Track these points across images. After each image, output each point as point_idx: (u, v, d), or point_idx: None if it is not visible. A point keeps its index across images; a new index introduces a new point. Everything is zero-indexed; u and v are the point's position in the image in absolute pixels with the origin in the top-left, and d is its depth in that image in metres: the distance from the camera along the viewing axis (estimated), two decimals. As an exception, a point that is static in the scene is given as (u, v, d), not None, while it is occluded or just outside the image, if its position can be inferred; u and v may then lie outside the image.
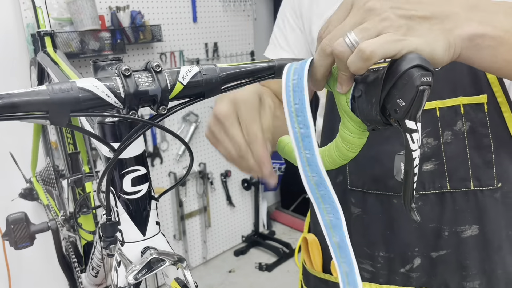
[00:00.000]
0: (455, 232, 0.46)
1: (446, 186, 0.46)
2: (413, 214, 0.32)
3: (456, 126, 0.45)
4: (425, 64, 0.28)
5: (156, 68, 0.29)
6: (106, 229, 0.38)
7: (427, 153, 0.46)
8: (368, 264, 0.51)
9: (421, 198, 0.47)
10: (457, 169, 0.45)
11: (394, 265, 0.49)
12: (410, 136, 0.29)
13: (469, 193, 0.45)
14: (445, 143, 0.45)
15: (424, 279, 0.48)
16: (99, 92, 0.26)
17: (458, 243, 0.46)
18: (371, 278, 0.51)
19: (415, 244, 0.48)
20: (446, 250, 0.47)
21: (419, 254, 0.48)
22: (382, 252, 0.50)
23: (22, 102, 0.24)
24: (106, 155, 0.38)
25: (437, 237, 0.47)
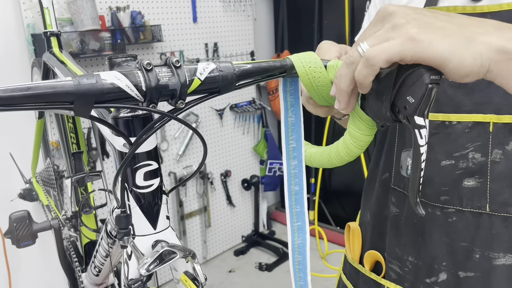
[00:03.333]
0: (487, 257, 0.44)
1: (485, 207, 0.43)
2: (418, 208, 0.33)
3: (509, 146, 0.42)
4: None
5: (176, 63, 0.30)
6: (120, 221, 0.39)
7: (471, 168, 0.43)
8: (397, 265, 0.51)
9: (456, 214, 0.45)
10: (500, 192, 0.43)
11: (420, 273, 0.48)
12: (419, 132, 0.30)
13: (509, 220, 0.43)
14: (492, 161, 0.42)
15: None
16: (122, 85, 0.27)
17: (488, 269, 0.44)
18: (397, 280, 0.51)
19: (443, 258, 0.46)
20: (475, 273, 0.45)
21: (446, 269, 0.46)
22: (411, 257, 0.49)
23: (49, 92, 0.25)
24: (120, 149, 0.39)
25: (467, 258, 0.45)
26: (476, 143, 0.43)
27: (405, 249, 0.49)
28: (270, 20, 2.32)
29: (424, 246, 0.48)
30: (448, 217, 0.45)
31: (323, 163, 0.40)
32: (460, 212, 0.44)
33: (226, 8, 1.95)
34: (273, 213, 2.48)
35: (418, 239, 0.48)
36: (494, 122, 0.42)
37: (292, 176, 0.40)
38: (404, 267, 0.50)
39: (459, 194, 0.44)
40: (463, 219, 0.45)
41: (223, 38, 1.96)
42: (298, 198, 0.40)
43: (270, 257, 2.08)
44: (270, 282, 1.89)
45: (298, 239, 0.40)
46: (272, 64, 0.35)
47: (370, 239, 0.56)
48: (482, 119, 0.42)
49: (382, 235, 0.53)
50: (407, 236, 0.49)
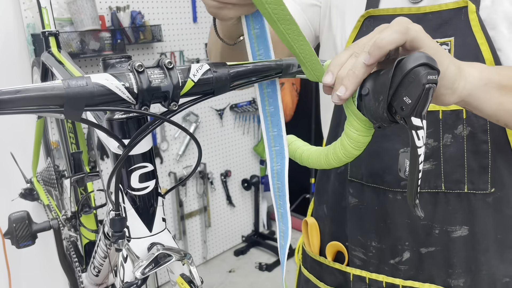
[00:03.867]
0: (446, 231, 0.48)
1: (441, 186, 0.47)
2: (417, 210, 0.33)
3: (457, 130, 0.46)
4: (431, 63, 0.29)
5: (168, 65, 0.29)
6: (115, 224, 0.38)
7: (426, 153, 0.47)
8: (361, 252, 0.54)
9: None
10: (453, 171, 0.47)
11: (385, 256, 0.52)
12: (416, 133, 0.30)
13: (462, 195, 0.47)
14: (444, 145, 0.47)
15: (412, 272, 0.50)
16: (113, 87, 0.27)
17: (447, 241, 0.48)
18: (362, 266, 0.54)
19: (406, 238, 0.50)
20: (435, 247, 0.49)
21: (409, 248, 0.50)
22: (375, 242, 0.52)
23: (39, 96, 0.24)
24: (115, 151, 0.38)
25: (428, 234, 0.49)
26: (429, 130, 0.47)
27: (368, 236, 0.53)
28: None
29: (387, 230, 0.51)
30: None
31: (321, 164, 0.39)
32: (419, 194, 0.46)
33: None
34: (273, 213, 2.47)
35: (380, 224, 0.52)
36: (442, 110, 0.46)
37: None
38: (368, 252, 0.53)
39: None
40: (422, 200, 0.48)
41: (223, 38, 1.96)
42: (274, 120, 0.38)
43: (270, 257, 2.08)
44: (270, 282, 1.89)
45: (277, 164, 0.39)
46: (268, 64, 0.35)
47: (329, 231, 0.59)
48: (432, 108, 0.46)
49: (341, 225, 0.56)
50: (370, 223, 0.52)
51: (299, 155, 0.41)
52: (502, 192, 0.47)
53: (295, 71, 0.36)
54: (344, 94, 0.32)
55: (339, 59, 0.33)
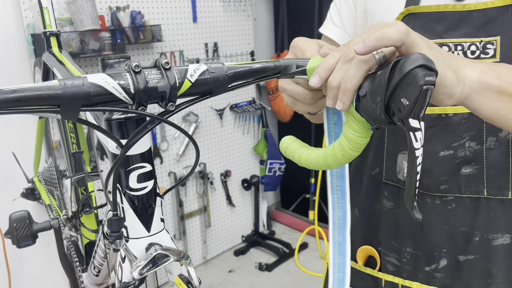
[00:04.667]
0: (486, 239, 0.46)
1: (483, 192, 0.46)
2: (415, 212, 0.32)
3: (502, 133, 0.45)
4: (429, 64, 0.28)
5: (165, 65, 0.29)
6: (112, 224, 0.38)
7: (468, 157, 0.46)
8: (394, 257, 0.52)
9: (456, 201, 0.47)
10: (496, 176, 0.45)
11: (420, 263, 0.50)
12: (414, 134, 0.30)
13: (506, 202, 0.45)
14: (487, 148, 0.45)
15: (448, 280, 0.49)
16: (109, 88, 0.27)
17: (487, 250, 0.46)
18: (395, 272, 0.52)
19: (443, 245, 0.48)
20: (475, 255, 0.47)
21: (446, 255, 0.48)
22: (409, 248, 0.50)
23: (35, 95, 0.24)
24: (113, 151, 0.38)
25: (467, 242, 0.47)
26: (472, 132, 0.45)
27: (402, 241, 0.51)
28: (270, 20, 2.32)
29: (423, 236, 0.49)
30: (448, 204, 0.47)
31: (320, 165, 0.39)
32: (459, 199, 0.47)
33: (226, 8, 1.95)
34: (273, 213, 2.47)
35: (416, 230, 0.50)
36: None
37: (336, 226, 0.40)
38: (402, 258, 0.51)
39: (458, 182, 0.46)
40: (462, 205, 0.46)
41: (223, 38, 1.96)
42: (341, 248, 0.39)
43: (270, 257, 2.08)
44: (270, 282, 1.89)
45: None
46: (266, 65, 0.35)
47: (361, 235, 0.57)
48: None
49: (373, 229, 0.54)
50: (405, 228, 0.50)
51: (298, 156, 0.41)
52: None
53: (294, 71, 0.36)
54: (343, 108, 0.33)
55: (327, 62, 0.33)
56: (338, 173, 0.40)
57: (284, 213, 2.43)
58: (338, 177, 0.40)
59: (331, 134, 0.40)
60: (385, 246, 0.53)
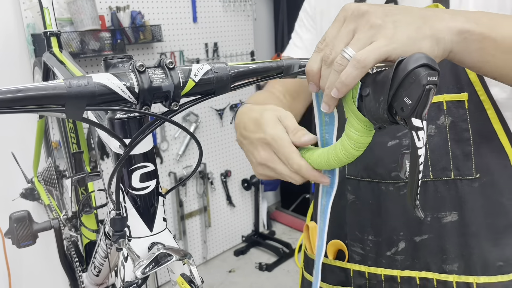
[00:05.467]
0: (437, 218, 0.50)
1: (429, 175, 0.49)
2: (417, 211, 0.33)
3: (439, 121, 0.48)
4: (432, 63, 0.29)
5: (169, 65, 0.30)
6: (115, 223, 0.38)
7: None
8: (359, 247, 0.55)
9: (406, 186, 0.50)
10: (439, 160, 0.49)
11: (381, 249, 0.53)
12: (416, 134, 0.30)
13: (450, 182, 0.49)
14: (429, 136, 0.49)
15: (408, 262, 0.52)
16: (114, 87, 0.27)
17: (439, 228, 0.50)
18: (360, 261, 0.55)
19: (400, 228, 0.52)
20: (428, 234, 0.51)
21: (404, 238, 0.52)
22: (371, 236, 0.54)
23: (40, 95, 0.24)
24: (116, 151, 0.38)
25: (420, 223, 0.51)
26: None
27: (364, 230, 0.54)
28: (270, 20, 2.32)
29: (382, 223, 0.53)
30: (400, 190, 0.51)
31: (321, 165, 0.39)
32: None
33: (226, 8, 1.95)
34: (273, 213, 2.47)
35: (375, 218, 0.53)
36: None
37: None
38: (366, 247, 0.54)
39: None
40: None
41: (223, 38, 1.96)
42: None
43: (270, 257, 2.08)
44: (270, 282, 1.89)
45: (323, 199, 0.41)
46: (268, 65, 0.35)
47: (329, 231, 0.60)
48: None
49: (341, 223, 0.58)
50: (366, 217, 0.54)
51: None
52: (488, 178, 0.49)
53: (296, 71, 0.36)
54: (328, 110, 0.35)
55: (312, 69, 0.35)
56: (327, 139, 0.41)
57: (284, 213, 2.44)
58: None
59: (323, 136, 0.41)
60: (351, 237, 0.56)
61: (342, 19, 0.33)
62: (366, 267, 0.54)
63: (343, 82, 0.32)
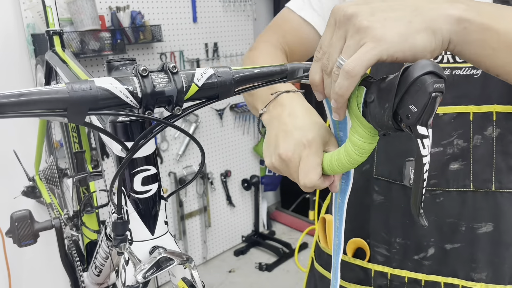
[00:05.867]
0: (472, 228, 0.49)
1: (469, 186, 0.49)
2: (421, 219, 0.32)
3: (487, 131, 0.47)
4: (438, 71, 0.28)
5: (173, 69, 0.29)
6: (117, 228, 0.38)
7: (455, 154, 0.49)
8: (384, 248, 0.54)
9: (443, 194, 0.50)
10: (481, 171, 0.48)
11: (409, 252, 0.52)
12: (421, 142, 0.30)
13: (489, 194, 0.48)
14: (474, 146, 0.48)
15: (435, 267, 0.51)
16: (117, 92, 0.27)
17: (472, 238, 0.50)
18: (384, 262, 0.54)
19: (432, 235, 0.51)
20: (461, 243, 0.50)
21: (434, 244, 0.51)
22: (399, 238, 0.53)
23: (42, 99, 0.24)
24: (118, 154, 0.38)
25: (454, 231, 0.50)
26: (459, 131, 0.48)
27: (392, 232, 0.53)
28: (270, 20, 2.31)
29: (412, 227, 0.52)
30: (436, 198, 0.50)
31: (324, 170, 0.39)
32: (447, 192, 0.50)
33: (226, 8, 1.94)
34: (273, 213, 2.47)
35: (406, 221, 0.53)
36: (473, 112, 0.47)
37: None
38: (392, 249, 0.54)
39: (446, 177, 0.49)
40: (450, 198, 0.50)
41: (223, 38, 1.96)
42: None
43: (270, 257, 2.08)
44: (270, 282, 1.89)
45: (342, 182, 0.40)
46: (272, 69, 0.35)
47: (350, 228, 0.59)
48: (464, 110, 0.48)
49: (363, 222, 0.57)
50: (395, 220, 0.53)
51: None
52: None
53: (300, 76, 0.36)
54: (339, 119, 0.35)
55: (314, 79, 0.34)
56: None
57: (284, 213, 2.44)
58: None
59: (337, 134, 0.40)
60: (375, 238, 0.55)
61: (333, 24, 0.32)
62: (390, 269, 0.53)
63: (338, 93, 0.32)
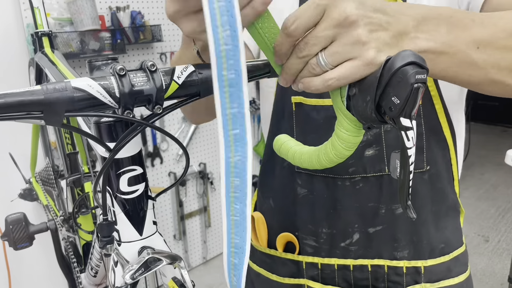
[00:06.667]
0: (391, 210, 0.52)
1: (384, 170, 0.51)
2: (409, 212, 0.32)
3: None
4: (420, 61, 0.28)
5: (151, 67, 0.29)
6: (102, 229, 0.38)
7: (369, 140, 0.51)
8: (312, 239, 0.56)
9: (362, 180, 0.52)
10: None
11: (336, 240, 0.55)
12: (405, 134, 0.29)
13: None
14: (385, 131, 0.51)
15: (361, 251, 0.54)
16: (93, 92, 0.26)
17: (392, 219, 0.52)
18: (313, 253, 0.56)
19: (355, 221, 0.53)
20: (382, 225, 0.53)
21: (358, 230, 0.54)
22: (325, 228, 0.55)
23: (17, 102, 0.24)
24: (103, 155, 0.38)
25: (375, 215, 0.53)
26: None
27: (319, 223, 0.55)
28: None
29: (337, 216, 0.54)
30: (356, 184, 0.52)
31: (313, 165, 0.38)
32: (365, 178, 0.52)
33: None
34: (274, 213, 2.47)
35: (330, 211, 0.55)
36: None
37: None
38: (320, 239, 0.56)
39: (363, 163, 0.51)
40: (368, 183, 0.52)
41: (223, 37, 1.95)
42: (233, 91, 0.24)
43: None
44: (270, 283, 1.89)
45: (235, 154, 0.25)
46: (255, 63, 0.34)
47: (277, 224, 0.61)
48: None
49: (289, 217, 0.58)
50: (320, 211, 0.55)
51: (291, 155, 0.40)
52: (435, 169, 0.52)
53: None
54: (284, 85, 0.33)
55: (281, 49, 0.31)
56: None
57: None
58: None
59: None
60: (303, 231, 0.57)
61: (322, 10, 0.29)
62: (320, 259, 0.55)
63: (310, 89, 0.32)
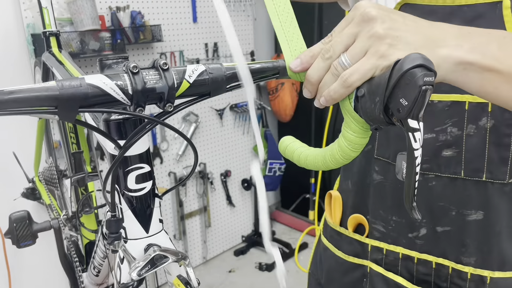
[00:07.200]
0: (461, 214, 0.51)
1: (460, 173, 0.50)
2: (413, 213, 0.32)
3: (481, 122, 0.48)
4: (428, 64, 0.28)
5: (164, 66, 0.29)
6: (110, 225, 0.38)
7: (448, 141, 0.50)
8: (381, 225, 0.57)
9: (436, 179, 0.52)
10: (473, 160, 0.49)
11: (403, 230, 0.55)
12: (413, 135, 0.30)
13: (480, 183, 0.50)
14: (467, 135, 0.49)
15: (427, 247, 0.54)
16: (107, 89, 0.27)
17: (462, 224, 0.51)
18: (380, 238, 0.57)
19: (424, 216, 0.53)
20: (451, 227, 0.52)
21: (426, 225, 0.53)
22: (395, 217, 0.55)
23: (32, 97, 0.24)
24: (111, 152, 0.38)
25: (444, 215, 0.52)
26: (454, 119, 0.49)
27: (389, 210, 0.56)
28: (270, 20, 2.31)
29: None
30: (429, 182, 0.52)
31: (318, 166, 0.39)
32: (439, 177, 0.51)
33: (226, 8, 1.94)
34: (273, 213, 2.47)
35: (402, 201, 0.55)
36: (469, 101, 0.48)
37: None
38: (388, 226, 0.56)
39: (438, 162, 0.51)
40: (441, 183, 0.51)
41: (223, 38, 1.96)
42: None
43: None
44: (270, 282, 1.89)
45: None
46: (264, 65, 0.35)
47: (352, 205, 0.62)
48: (459, 98, 0.48)
49: (364, 200, 0.59)
50: (392, 199, 0.55)
51: (297, 157, 0.41)
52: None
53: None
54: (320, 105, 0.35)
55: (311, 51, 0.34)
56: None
57: (284, 213, 2.43)
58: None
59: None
60: (373, 215, 0.57)
61: (351, 19, 0.33)
62: (386, 244, 0.56)
63: (331, 97, 0.33)
